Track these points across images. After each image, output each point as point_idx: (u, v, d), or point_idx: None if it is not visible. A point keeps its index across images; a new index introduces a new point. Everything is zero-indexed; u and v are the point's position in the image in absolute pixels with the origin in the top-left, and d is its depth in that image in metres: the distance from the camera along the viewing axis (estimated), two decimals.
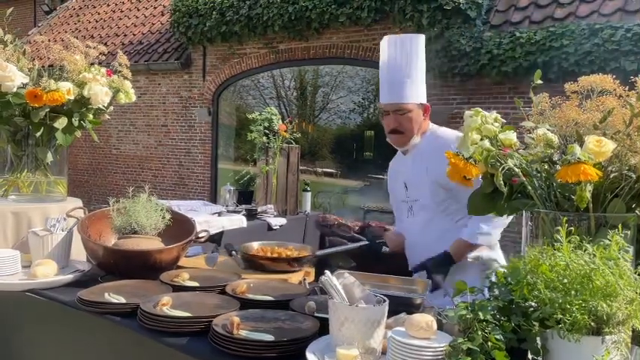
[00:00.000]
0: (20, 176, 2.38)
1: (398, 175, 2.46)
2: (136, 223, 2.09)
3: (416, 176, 2.33)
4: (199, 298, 1.71)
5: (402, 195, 2.42)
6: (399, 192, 2.45)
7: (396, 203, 2.51)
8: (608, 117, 1.31)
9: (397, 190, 2.47)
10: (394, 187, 2.51)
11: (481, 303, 1.17)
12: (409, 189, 2.38)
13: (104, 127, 10.37)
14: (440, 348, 1.18)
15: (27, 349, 1.99)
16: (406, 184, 2.39)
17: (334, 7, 7.63)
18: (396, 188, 2.47)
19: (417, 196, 2.35)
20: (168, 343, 1.47)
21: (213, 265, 2.23)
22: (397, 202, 2.49)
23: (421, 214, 2.34)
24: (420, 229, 2.33)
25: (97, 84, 2.34)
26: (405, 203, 2.41)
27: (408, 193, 2.39)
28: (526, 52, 6.15)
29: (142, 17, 11.38)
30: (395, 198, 2.51)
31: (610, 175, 1.31)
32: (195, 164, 9.88)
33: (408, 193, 2.39)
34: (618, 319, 1.06)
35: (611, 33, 5.66)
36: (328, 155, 9.59)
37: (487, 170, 1.47)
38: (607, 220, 1.27)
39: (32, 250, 2.10)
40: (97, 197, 10.61)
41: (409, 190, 2.38)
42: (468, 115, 1.53)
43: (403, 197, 2.42)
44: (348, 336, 1.29)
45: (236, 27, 8.58)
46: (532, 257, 1.17)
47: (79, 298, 1.71)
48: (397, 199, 2.48)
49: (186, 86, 9.91)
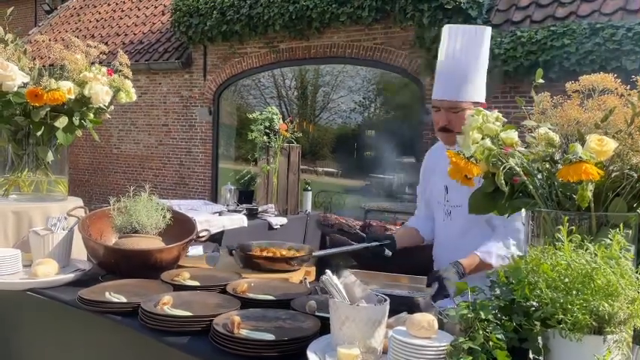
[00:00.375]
0: (21, 175, 2.38)
1: (438, 172, 2.23)
2: (137, 223, 2.09)
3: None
4: (200, 297, 1.71)
5: (441, 197, 2.23)
6: (438, 192, 2.26)
7: (430, 199, 2.33)
8: (610, 116, 1.31)
9: (435, 189, 2.28)
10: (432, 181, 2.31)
11: (482, 302, 1.17)
12: (450, 192, 2.18)
13: (105, 126, 10.37)
14: (441, 347, 1.18)
15: (27, 348, 1.99)
16: (447, 187, 2.18)
17: (335, 7, 7.63)
18: (435, 186, 2.28)
19: (459, 202, 2.12)
20: (169, 343, 1.47)
21: (214, 265, 2.22)
22: (432, 200, 2.31)
23: (460, 221, 2.14)
24: (458, 235, 2.15)
25: (97, 83, 2.34)
26: (441, 205, 2.24)
27: (448, 197, 2.20)
28: (527, 52, 6.14)
29: (142, 17, 11.38)
30: (431, 194, 2.33)
31: (611, 175, 1.31)
32: (196, 164, 9.89)
33: (448, 197, 2.19)
34: (620, 319, 1.06)
35: (612, 32, 5.65)
36: (329, 155, 9.59)
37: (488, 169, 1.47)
38: (608, 220, 1.27)
39: (33, 249, 2.10)
40: (98, 196, 10.61)
41: (450, 194, 2.18)
42: (470, 114, 1.53)
43: (441, 200, 2.23)
44: (349, 335, 1.29)
45: (237, 26, 8.58)
46: (533, 257, 1.17)
47: (79, 298, 1.71)
48: (433, 196, 2.30)
49: (187, 86, 9.91)
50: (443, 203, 2.23)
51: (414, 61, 7.35)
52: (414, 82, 7.60)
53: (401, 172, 8.00)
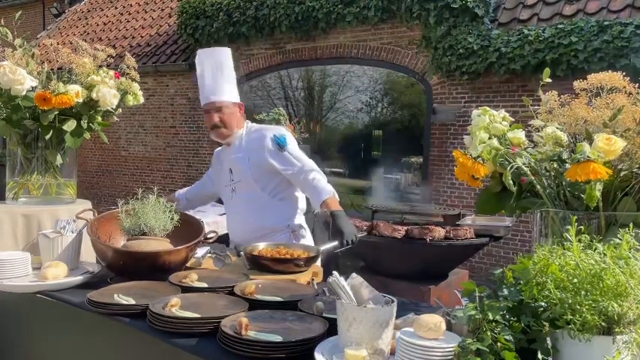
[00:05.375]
0: (30, 179, 2.40)
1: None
2: (145, 225, 2.10)
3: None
4: (208, 299, 1.72)
5: (227, 179, 2.76)
6: (224, 175, 2.78)
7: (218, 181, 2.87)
8: (618, 115, 1.30)
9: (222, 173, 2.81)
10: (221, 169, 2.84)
11: (490, 303, 1.16)
12: (233, 173, 2.73)
13: (113, 128, 10.43)
14: (449, 348, 1.17)
15: (37, 351, 2.00)
16: (231, 170, 2.73)
17: (341, 7, 7.62)
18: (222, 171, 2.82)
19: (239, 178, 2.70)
20: (177, 344, 1.47)
21: (222, 266, 2.23)
22: (220, 183, 2.84)
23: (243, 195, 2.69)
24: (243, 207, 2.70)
25: (105, 86, 2.35)
26: (228, 186, 2.76)
27: (232, 177, 2.74)
28: (534, 50, 6.11)
29: (149, 19, 11.44)
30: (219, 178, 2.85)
31: (620, 174, 1.30)
32: (204, 165, 9.91)
33: (233, 177, 2.74)
34: (629, 319, 1.05)
35: (620, 30, 5.60)
36: (336, 155, 9.57)
37: (495, 169, 1.46)
38: (617, 219, 1.26)
39: (42, 252, 2.11)
40: (106, 199, 10.67)
41: (233, 174, 2.73)
42: (476, 114, 1.52)
43: (227, 181, 2.76)
44: (356, 337, 1.29)
45: (243, 28, 8.59)
46: (541, 257, 1.16)
47: (88, 300, 1.72)
48: (221, 180, 2.83)
49: (194, 87, 9.93)
50: (229, 184, 2.75)
51: (421, 60, 7.33)
52: (420, 82, 7.58)
53: (408, 171, 7.98)
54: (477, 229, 4.14)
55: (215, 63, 2.68)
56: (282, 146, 2.64)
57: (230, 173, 2.75)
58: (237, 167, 2.71)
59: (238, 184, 2.71)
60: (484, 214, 1.57)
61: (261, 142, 2.66)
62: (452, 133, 7.05)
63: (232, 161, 2.72)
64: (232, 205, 2.78)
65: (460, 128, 6.94)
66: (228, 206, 2.84)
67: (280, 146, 2.63)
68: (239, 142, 2.73)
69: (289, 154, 2.64)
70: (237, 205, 2.73)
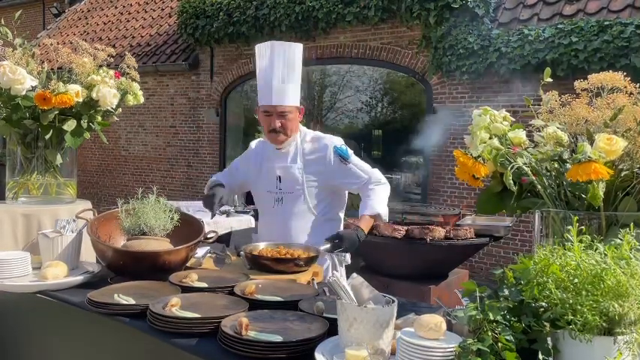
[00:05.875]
0: (30, 178, 2.40)
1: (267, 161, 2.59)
2: (145, 225, 2.10)
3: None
4: (208, 299, 1.72)
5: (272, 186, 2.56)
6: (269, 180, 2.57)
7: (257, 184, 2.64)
8: (619, 114, 1.30)
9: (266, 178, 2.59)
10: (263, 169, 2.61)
11: (491, 303, 1.16)
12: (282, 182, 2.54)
13: (113, 128, 10.43)
14: (449, 349, 1.17)
15: (37, 351, 2.00)
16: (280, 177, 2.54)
17: (341, 7, 7.62)
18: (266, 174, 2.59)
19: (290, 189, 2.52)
20: (177, 344, 1.47)
21: (222, 266, 2.23)
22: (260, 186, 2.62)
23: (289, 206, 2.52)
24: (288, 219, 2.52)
25: (105, 86, 2.35)
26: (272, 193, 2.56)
27: (280, 185, 2.54)
28: (535, 50, 6.10)
29: (149, 19, 11.43)
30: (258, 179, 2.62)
31: (621, 174, 1.30)
32: (204, 165, 9.91)
33: (281, 185, 2.54)
34: (630, 320, 1.05)
35: (620, 30, 5.60)
36: None
37: (496, 169, 1.46)
38: (618, 219, 1.26)
39: (42, 251, 2.11)
40: (107, 199, 10.67)
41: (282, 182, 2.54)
42: (477, 114, 1.52)
43: (272, 188, 2.56)
44: (357, 337, 1.28)
45: (243, 28, 8.59)
46: (542, 257, 1.16)
47: (88, 300, 1.71)
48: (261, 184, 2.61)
49: (194, 87, 9.94)
50: (275, 192, 2.55)
51: (421, 60, 7.33)
52: (420, 82, 7.58)
53: (408, 171, 7.98)
54: (477, 229, 4.15)
55: (287, 61, 2.42)
56: (345, 158, 2.47)
57: (277, 181, 2.53)
58: (289, 177, 2.51)
59: (287, 195, 2.51)
60: (484, 213, 1.57)
61: (323, 154, 2.49)
62: (452, 133, 7.04)
63: (284, 169, 2.52)
64: (273, 215, 2.57)
65: (460, 128, 6.94)
66: (267, 214, 2.62)
67: (343, 158, 2.47)
68: (294, 150, 2.53)
69: (354, 165, 2.48)
70: (281, 216, 2.53)
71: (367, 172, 2.51)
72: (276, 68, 2.40)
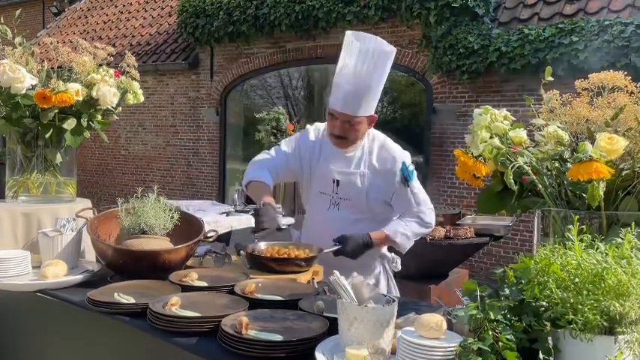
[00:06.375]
0: (30, 177, 2.39)
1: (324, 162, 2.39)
2: (145, 224, 2.09)
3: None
4: (208, 298, 1.71)
5: (329, 189, 2.38)
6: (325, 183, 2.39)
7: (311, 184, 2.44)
8: (620, 114, 1.30)
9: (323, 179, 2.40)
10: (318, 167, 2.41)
11: (492, 302, 1.16)
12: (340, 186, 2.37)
13: (113, 127, 10.42)
14: (450, 348, 1.17)
15: (37, 349, 2.00)
16: (337, 181, 2.37)
17: (341, 6, 7.62)
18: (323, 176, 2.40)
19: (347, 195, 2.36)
20: (177, 343, 1.47)
21: (222, 265, 2.23)
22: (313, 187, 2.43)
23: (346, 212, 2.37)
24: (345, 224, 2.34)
25: (105, 85, 2.35)
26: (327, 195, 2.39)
27: (337, 190, 2.37)
28: (535, 49, 6.10)
29: (149, 18, 11.43)
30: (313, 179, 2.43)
31: (622, 173, 1.29)
32: (204, 164, 9.91)
33: (337, 190, 2.37)
34: (631, 319, 1.05)
35: (621, 29, 5.60)
36: None
37: (497, 168, 1.46)
38: (619, 218, 1.26)
39: (42, 250, 2.11)
40: (106, 198, 10.67)
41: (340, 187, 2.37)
42: (478, 113, 1.52)
43: (328, 191, 2.39)
44: (357, 336, 1.28)
45: (243, 27, 8.59)
46: (543, 256, 1.16)
47: (88, 299, 1.71)
48: (316, 184, 2.42)
49: (194, 86, 9.94)
50: (330, 194, 2.39)
51: (421, 59, 7.33)
52: (420, 81, 7.58)
53: None
54: (477, 229, 4.15)
55: (376, 66, 2.18)
56: (408, 180, 2.29)
57: (335, 184, 2.36)
58: (349, 184, 2.34)
59: (344, 201, 2.36)
60: (485, 213, 1.57)
61: (390, 167, 2.32)
62: (452, 133, 7.04)
63: (344, 175, 2.35)
64: (326, 219, 2.40)
65: (460, 128, 6.94)
66: (320, 215, 2.44)
67: (406, 180, 2.29)
68: (360, 155, 2.36)
69: (411, 191, 2.32)
70: (339, 222, 2.34)
71: (418, 201, 2.34)
72: (356, 70, 2.16)
